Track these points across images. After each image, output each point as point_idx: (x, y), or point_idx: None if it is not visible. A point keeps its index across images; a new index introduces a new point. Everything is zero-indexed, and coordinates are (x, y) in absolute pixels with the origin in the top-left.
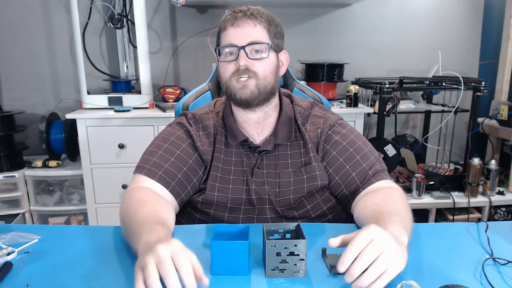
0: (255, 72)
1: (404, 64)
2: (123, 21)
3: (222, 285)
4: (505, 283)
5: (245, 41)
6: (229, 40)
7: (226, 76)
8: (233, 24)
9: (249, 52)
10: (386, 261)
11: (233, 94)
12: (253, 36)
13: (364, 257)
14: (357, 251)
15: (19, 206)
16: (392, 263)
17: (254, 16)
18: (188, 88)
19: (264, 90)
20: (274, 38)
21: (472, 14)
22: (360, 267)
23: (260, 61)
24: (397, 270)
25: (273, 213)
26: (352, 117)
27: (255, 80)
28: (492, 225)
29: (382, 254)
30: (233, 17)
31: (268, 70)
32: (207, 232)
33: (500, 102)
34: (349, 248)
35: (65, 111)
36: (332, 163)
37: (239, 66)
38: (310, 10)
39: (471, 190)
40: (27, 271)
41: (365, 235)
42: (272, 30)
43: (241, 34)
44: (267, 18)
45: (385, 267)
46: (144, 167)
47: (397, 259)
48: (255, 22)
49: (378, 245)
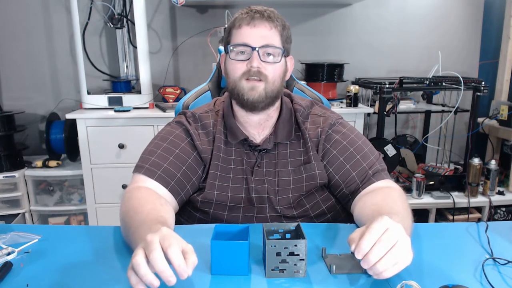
0: (265, 76)
1: (404, 64)
2: (123, 21)
3: (222, 285)
4: (505, 283)
5: (260, 43)
6: (244, 39)
7: (235, 76)
8: (249, 24)
9: (261, 54)
10: (401, 249)
11: (241, 95)
12: (268, 39)
13: (381, 243)
14: (374, 238)
15: (19, 206)
16: (406, 254)
17: (271, 19)
18: (188, 88)
19: (271, 94)
20: (285, 43)
21: (472, 14)
22: (378, 253)
23: (272, 64)
24: (407, 261)
25: (273, 212)
26: (352, 117)
27: (264, 84)
28: (492, 225)
29: (397, 243)
30: (250, 16)
31: (277, 74)
32: (207, 232)
33: (500, 102)
34: (366, 236)
35: (65, 111)
36: (332, 162)
37: (251, 67)
38: (310, 10)
39: (471, 190)
40: (27, 271)
41: (380, 224)
42: (284, 34)
43: (257, 35)
44: (281, 22)
45: (400, 255)
46: (143, 166)
47: (409, 251)
48: (272, 25)
49: (393, 234)
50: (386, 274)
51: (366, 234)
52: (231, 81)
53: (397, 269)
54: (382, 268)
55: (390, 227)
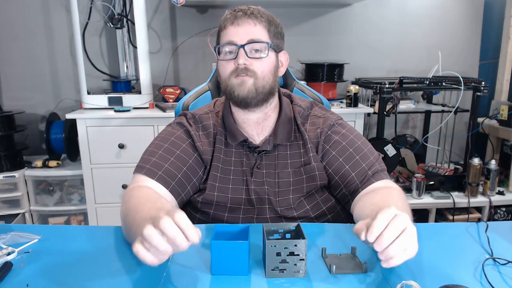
0: (254, 71)
1: (404, 64)
2: (123, 21)
3: (222, 285)
4: (505, 283)
5: (244, 40)
6: (229, 38)
7: (225, 75)
8: (233, 23)
9: (248, 51)
10: (409, 236)
11: (232, 92)
12: (252, 35)
13: (392, 227)
14: (384, 223)
15: (19, 206)
16: (413, 241)
17: (255, 15)
18: (188, 88)
19: (262, 90)
20: (274, 38)
21: (472, 14)
22: (390, 236)
23: (259, 60)
24: (414, 249)
25: (273, 213)
26: (352, 117)
27: (253, 79)
28: (492, 225)
29: (406, 230)
30: (233, 16)
31: (267, 69)
32: (207, 232)
33: (500, 102)
34: (377, 221)
35: (65, 111)
36: (332, 163)
37: (238, 65)
38: (310, 10)
39: (471, 190)
40: (27, 271)
41: (389, 212)
42: (272, 30)
43: (241, 33)
44: (267, 18)
45: (408, 242)
46: (144, 167)
47: (416, 239)
48: (255, 21)
49: (402, 221)
50: (395, 261)
51: (376, 219)
52: (222, 81)
53: (406, 256)
54: (393, 253)
55: (398, 214)
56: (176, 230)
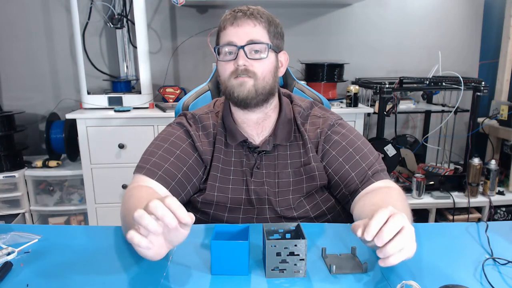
0: (254, 72)
1: (404, 64)
2: (123, 21)
3: (222, 285)
4: (505, 283)
5: (244, 41)
6: (228, 39)
7: (224, 76)
8: (233, 24)
9: (248, 52)
10: (407, 235)
11: (232, 93)
12: (252, 36)
13: (390, 225)
14: (382, 221)
15: (19, 206)
16: (411, 241)
17: (254, 16)
18: (188, 88)
19: (263, 90)
20: (273, 38)
21: (472, 14)
22: (389, 232)
23: (259, 61)
24: (412, 249)
25: (273, 213)
26: (352, 117)
27: (253, 80)
28: (492, 225)
29: (403, 229)
30: (232, 16)
31: (267, 70)
32: (207, 232)
33: (500, 102)
34: (375, 219)
35: (65, 111)
36: (332, 163)
37: (237, 66)
38: (310, 10)
39: (471, 190)
40: (27, 271)
41: (386, 211)
42: (272, 30)
43: (241, 34)
44: (267, 18)
45: (406, 241)
46: (144, 167)
47: (413, 240)
48: (255, 22)
49: (399, 220)
50: (393, 260)
51: (374, 218)
52: (222, 82)
53: (403, 256)
54: (392, 251)
55: (395, 213)
56: (165, 210)
